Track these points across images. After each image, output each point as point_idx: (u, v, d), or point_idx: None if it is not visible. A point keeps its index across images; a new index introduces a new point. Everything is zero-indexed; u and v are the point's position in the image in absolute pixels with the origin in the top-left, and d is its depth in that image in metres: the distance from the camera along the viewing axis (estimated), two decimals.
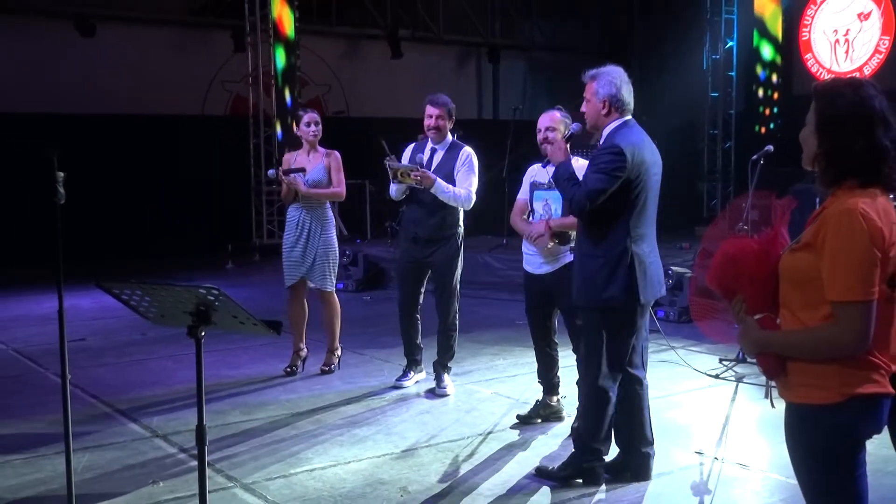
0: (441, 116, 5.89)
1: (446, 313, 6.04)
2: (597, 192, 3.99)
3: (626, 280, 4.05)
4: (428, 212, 5.88)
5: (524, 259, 5.21)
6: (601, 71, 4.15)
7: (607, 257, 4.07)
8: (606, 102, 4.10)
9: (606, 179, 3.98)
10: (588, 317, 4.24)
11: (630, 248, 4.06)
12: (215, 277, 12.05)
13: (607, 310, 4.11)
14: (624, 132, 4.08)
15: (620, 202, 4.03)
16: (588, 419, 4.31)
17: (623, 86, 4.13)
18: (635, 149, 4.02)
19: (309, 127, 6.54)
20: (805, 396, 2.44)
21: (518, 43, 17.82)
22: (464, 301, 9.87)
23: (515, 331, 8.00)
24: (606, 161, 3.99)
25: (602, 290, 4.08)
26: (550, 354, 5.35)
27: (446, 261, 5.97)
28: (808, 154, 2.53)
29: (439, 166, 5.95)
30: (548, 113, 5.10)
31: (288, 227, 6.62)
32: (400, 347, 6.42)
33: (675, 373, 6.50)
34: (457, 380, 6.37)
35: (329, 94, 16.07)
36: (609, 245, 4.07)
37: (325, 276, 6.49)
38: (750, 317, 2.56)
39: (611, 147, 4.01)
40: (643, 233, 4.11)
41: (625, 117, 4.14)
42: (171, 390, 6.19)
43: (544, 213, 5.07)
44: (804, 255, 2.43)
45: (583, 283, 4.18)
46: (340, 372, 6.69)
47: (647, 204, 4.10)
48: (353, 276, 10.73)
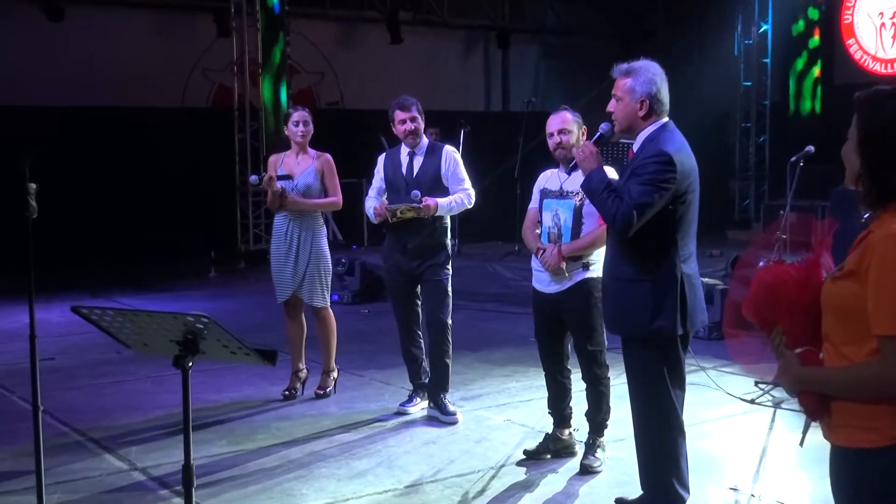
0: (415, 118, 6.00)
1: (440, 330, 6.08)
2: (645, 207, 3.89)
3: (678, 306, 3.98)
4: (417, 221, 5.96)
5: (533, 275, 5.24)
6: (637, 66, 4.06)
7: (656, 281, 3.98)
8: (645, 102, 4.01)
9: (655, 192, 3.89)
10: (635, 351, 4.12)
11: (679, 269, 3.99)
12: (197, 287, 12.12)
13: (656, 341, 4.03)
14: (667, 137, 4.00)
15: (668, 217, 3.96)
16: (659, 482, 4.15)
17: (662, 84, 4.07)
18: (682, 156, 3.97)
19: (297, 126, 6.58)
20: (851, 439, 2.46)
21: (529, 26, 17.85)
22: (471, 315, 10.05)
23: (529, 349, 7.98)
24: (654, 171, 3.90)
25: (651, 319, 3.99)
26: (562, 382, 5.36)
27: (438, 271, 6.05)
28: (850, 172, 2.55)
29: (422, 172, 6.03)
30: (557, 114, 5.12)
31: (275, 237, 6.66)
32: (402, 368, 6.46)
33: (707, 397, 6.53)
34: (465, 405, 6.40)
35: (321, 83, 16.11)
36: (657, 267, 3.99)
37: (316, 292, 6.54)
38: (790, 351, 2.58)
39: (658, 155, 3.92)
40: (689, 251, 4.06)
41: (662, 119, 4.08)
42: (150, 417, 6.23)
43: (552, 225, 5.10)
44: (847, 284, 2.45)
45: (623, 311, 4.09)
46: (337, 396, 6.72)
47: (693, 218, 4.05)
48: (348, 287, 10.77)
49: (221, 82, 15.02)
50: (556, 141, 5.06)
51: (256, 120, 14.34)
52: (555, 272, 5.03)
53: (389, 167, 6.14)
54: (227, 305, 10.76)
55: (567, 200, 5.03)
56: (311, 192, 6.54)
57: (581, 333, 5.10)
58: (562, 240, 5.04)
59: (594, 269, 5.02)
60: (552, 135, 5.08)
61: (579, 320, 5.06)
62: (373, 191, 6.25)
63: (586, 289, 5.02)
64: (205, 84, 15.08)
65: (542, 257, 5.05)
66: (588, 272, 5.03)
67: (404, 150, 6.13)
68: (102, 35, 13.99)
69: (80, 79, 13.61)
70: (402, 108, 5.99)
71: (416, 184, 6.00)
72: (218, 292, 11.78)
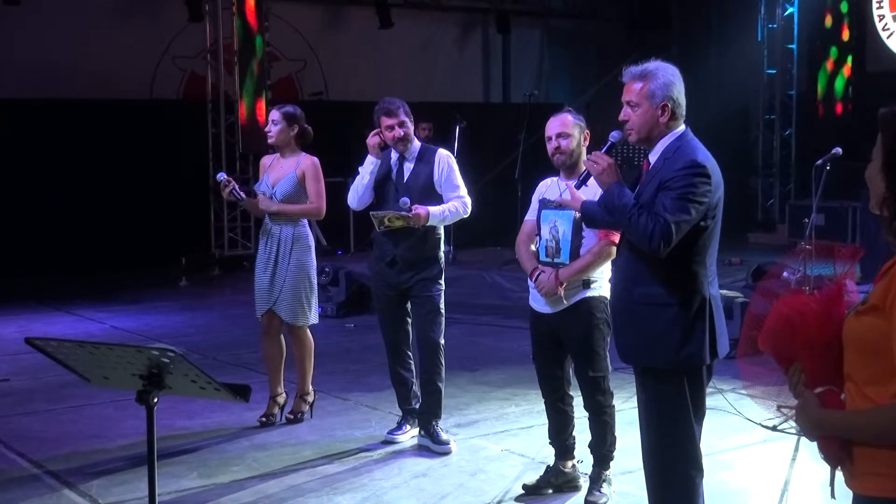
0: (403, 123, 6.02)
1: (432, 350, 6.10)
2: (683, 224, 3.86)
3: (706, 332, 3.97)
4: (407, 229, 5.97)
5: (530, 293, 5.26)
6: (652, 67, 4.04)
7: (684, 304, 3.95)
8: (667, 107, 3.98)
9: (692, 206, 3.86)
10: (652, 383, 4.10)
11: (706, 290, 3.98)
12: (165, 298, 12.12)
13: (684, 371, 4.01)
14: (693, 146, 4.00)
15: (697, 234, 3.94)
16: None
17: (681, 86, 4.06)
18: (713, 167, 3.96)
19: (266, 127, 6.65)
20: (875, 488, 2.48)
21: (532, 8, 17.88)
22: (467, 330, 10.08)
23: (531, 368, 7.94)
24: (689, 183, 3.86)
25: (679, 347, 3.96)
26: (563, 411, 5.37)
27: (430, 286, 6.07)
28: (875, 196, 2.55)
29: (413, 180, 6.06)
30: (557, 116, 5.14)
31: (259, 244, 6.70)
32: (391, 390, 6.48)
33: (724, 423, 6.55)
34: (459, 433, 6.42)
35: (304, 71, 16.13)
36: (686, 290, 3.96)
37: (294, 309, 6.55)
38: (809, 390, 2.60)
39: (693, 166, 3.89)
40: (713, 270, 4.06)
41: (681, 127, 4.08)
42: (114, 446, 6.24)
43: (550, 239, 5.12)
44: (871, 319, 2.47)
45: (644, 338, 4.06)
46: (318, 422, 6.74)
47: (718, 234, 4.04)
48: (333, 299, 10.79)
49: (193, 71, 15.04)
50: (554, 145, 5.09)
51: (232, 113, 14.35)
52: (551, 299, 5.05)
53: (379, 173, 6.15)
54: (199, 319, 10.78)
55: (566, 212, 5.04)
56: (289, 199, 6.56)
57: (582, 358, 5.12)
58: (560, 254, 5.07)
59: (596, 288, 5.05)
60: (550, 139, 5.11)
61: (580, 344, 5.09)
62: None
63: (587, 309, 5.04)
64: (175, 73, 15.08)
65: (536, 281, 5.07)
66: (589, 291, 5.05)
67: (394, 155, 6.15)
68: (63, 20, 13.97)
69: (38, 68, 13.60)
70: (388, 114, 6.01)
71: (406, 191, 6.02)
72: (189, 304, 11.79)
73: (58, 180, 13.60)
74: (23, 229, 13.30)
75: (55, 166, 13.61)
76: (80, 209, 13.73)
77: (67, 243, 13.58)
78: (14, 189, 13.22)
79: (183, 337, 9.67)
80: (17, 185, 13.24)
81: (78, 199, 13.72)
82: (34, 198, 13.36)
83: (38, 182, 13.41)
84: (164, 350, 2.93)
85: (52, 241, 13.52)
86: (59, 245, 13.54)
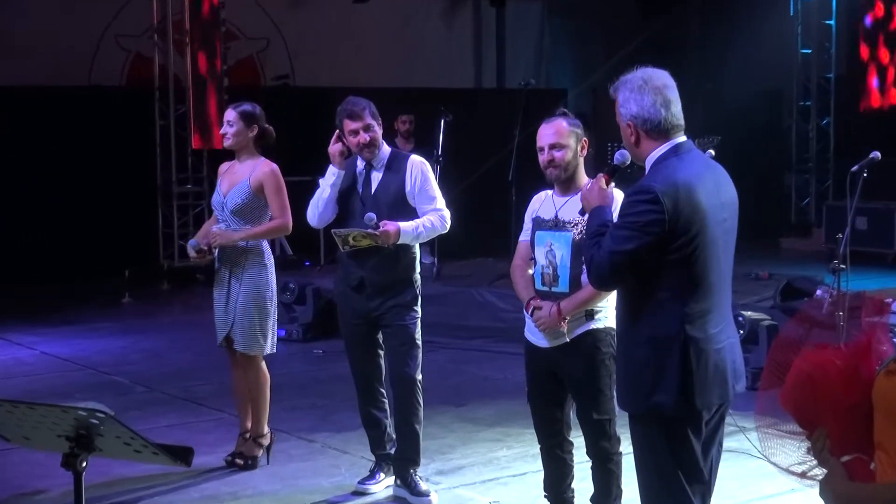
0: (369, 127, 6.02)
1: (407, 388, 6.10)
2: (622, 256, 3.95)
3: (678, 377, 4.01)
4: (376, 249, 5.98)
5: (526, 323, 5.26)
6: (620, 82, 4.11)
7: (653, 344, 4.03)
8: (632, 126, 4.08)
9: (633, 237, 3.94)
10: (637, 430, 4.15)
11: (683, 331, 4.01)
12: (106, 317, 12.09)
13: (657, 418, 4.06)
14: (668, 165, 4.04)
15: (667, 267, 3.99)
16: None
17: (650, 96, 4.04)
18: (680, 191, 3.95)
19: (222, 128, 6.69)
20: None
21: None
22: (452, 356, 10.06)
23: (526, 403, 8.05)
24: (633, 212, 3.96)
25: (649, 392, 4.03)
26: (562, 458, 5.37)
27: (403, 314, 6.08)
28: None
29: (382, 191, 6.07)
30: (550, 123, 5.14)
31: (216, 258, 6.72)
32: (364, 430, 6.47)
33: (746, 469, 6.55)
34: (441, 482, 6.43)
35: (267, 52, 16.15)
36: (654, 327, 4.03)
37: (247, 335, 6.56)
38: (835, 458, 2.62)
39: (639, 192, 3.97)
40: (704, 308, 4.05)
41: (673, 139, 4.10)
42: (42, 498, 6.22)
43: (546, 265, 5.13)
44: None
45: (624, 380, 4.17)
46: (277, 468, 6.72)
47: (709, 267, 4.05)
48: (299, 320, 10.75)
49: (139, 52, 15.02)
50: (547, 158, 5.10)
51: (183, 102, 14.32)
52: (552, 334, 5.06)
53: (342, 184, 6.16)
54: (144, 342, 10.75)
55: (563, 233, 5.06)
56: (243, 211, 6.56)
57: (585, 398, 5.13)
58: (558, 283, 5.08)
59: (601, 318, 5.06)
60: (542, 149, 5.12)
61: (583, 382, 5.10)
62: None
63: (591, 343, 5.06)
64: (117, 55, 15.08)
65: (535, 316, 5.08)
66: (593, 322, 5.07)
67: (360, 164, 6.16)
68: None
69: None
70: (351, 117, 6.02)
71: (374, 204, 6.02)
72: (133, 324, 11.76)
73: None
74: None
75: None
76: (3, 213, 13.66)
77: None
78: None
79: (125, 365, 9.66)
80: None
81: (3, 202, 13.66)
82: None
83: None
84: (92, 411, 2.94)
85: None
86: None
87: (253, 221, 6.59)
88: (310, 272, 12.58)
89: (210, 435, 7.34)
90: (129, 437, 3.05)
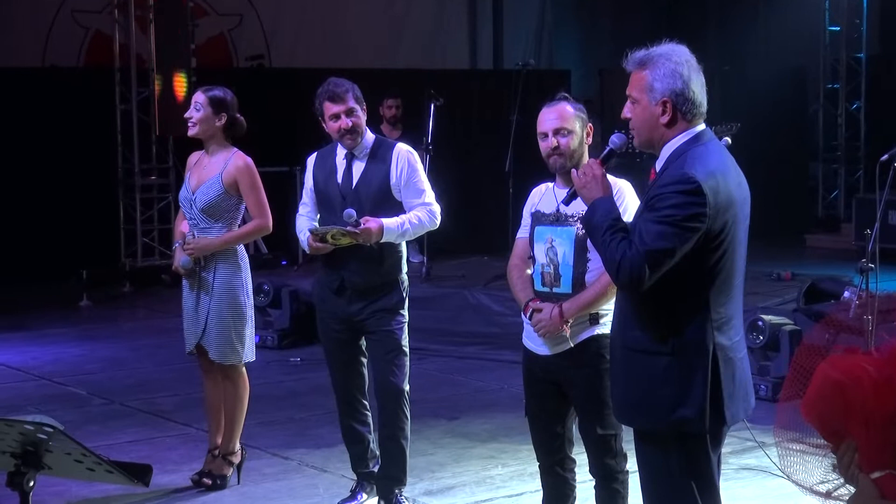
0: (352, 111, 6.01)
1: (393, 399, 6.10)
2: (661, 255, 3.90)
3: (707, 389, 3.99)
4: (357, 247, 5.97)
5: (524, 329, 5.26)
6: (657, 53, 4.07)
7: (679, 354, 4.00)
8: (669, 104, 4.02)
9: (677, 234, 3.89)
10: (649, 449, 4.15)
11: (712, 338, 4.01)
12: (62, 322, 12.09)
13: (678, 437, 4.05)
14: (698, 153, 4.01)
15: (696, 267, 3.97)
16: None
17: (693, 77, 4.06)
18: (719, 182, 3.96)
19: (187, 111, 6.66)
20: None
21: None
22: (444, 365, 10.05)
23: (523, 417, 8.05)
24: (675, 203, 3.90)
25: (671, 407, 4.01)
26: (563, 477, 5.36)
27: (388, 320, 6.08)
28: None
29: (364, 184, 6.06)
30: (553, 107, 5.13)
31: None
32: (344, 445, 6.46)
33: (766, 487, 6.58)
34: (430, 502, 6.43)
35: (239, 30, 16.14)
36: (680, 335, 4.00)
37: (223, 344, 6.55)
38: (864, 475, 2.62)
39: (681, 181, 3.91)
40: (729, 313, 4.06)
41: (695, 127, 4.10)
42: None
43: (546, 263, 5.12)
44: None
45: (634, 392, 4.13)
46: (249, 488, 6.71)
47: (736, 269, 4.06)
48: (274, 325, 10.76)
49: (98, 30, 14.99)
50: (550, 144, 5.07)
51: (146, 84, 14.28)
52: (553, 340, 5.06)
53: (320, 175, 6.15)
54: (103, 350, 10.74)
55: (566, 228, 5.05)
56: (214, 210, 6.54)
57: (589, 411, 5.12)
58: (560, 283, 5.07)
59: (606, 323, 5.03)
60: (545, 135, 5.09)
61: (587, 394, 5.09)
62: (303, 206, 6.27)
63: (596, 350, 5.04)
64: (75, 32, 15.06)
65: (534, 320, 5.07)
66: (598, 327, 5.06)
67: (340, 153, 6.15)
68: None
69: None
70: (332, 100, 6.00)
71: (355, 198, 6.01)
72: (91, 330, 11.74)
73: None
74: None
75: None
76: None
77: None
78: None
79: (83, 375, 9.66)
80: None
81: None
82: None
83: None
84: (39, 425, 2.94)
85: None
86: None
87: (225, 221, 6.57)
88: (286, 272, 12.56)
89: (175, 451, 7.34)
90: (80, 453, 3.05)
